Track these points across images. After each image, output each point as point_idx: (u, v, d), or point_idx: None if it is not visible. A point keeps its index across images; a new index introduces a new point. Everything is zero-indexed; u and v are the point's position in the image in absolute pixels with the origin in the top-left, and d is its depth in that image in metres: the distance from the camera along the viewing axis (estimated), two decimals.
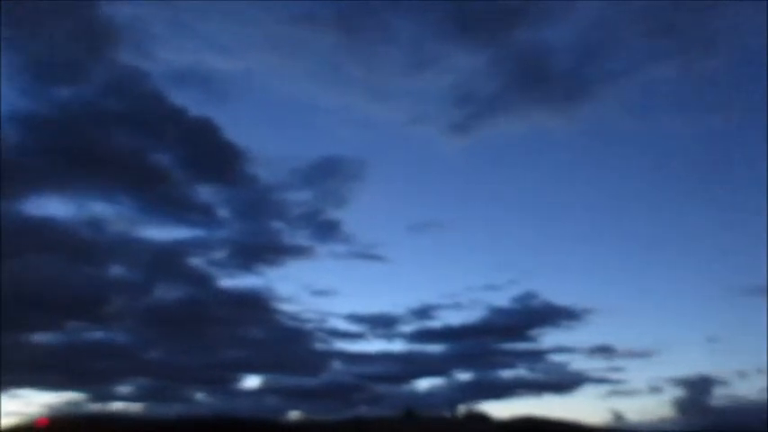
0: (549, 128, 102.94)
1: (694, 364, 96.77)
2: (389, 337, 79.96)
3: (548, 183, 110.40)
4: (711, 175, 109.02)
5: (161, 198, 75.64)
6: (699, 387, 75.56)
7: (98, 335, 68.60)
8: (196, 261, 75.74)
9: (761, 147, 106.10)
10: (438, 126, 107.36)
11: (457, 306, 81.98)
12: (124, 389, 66.34)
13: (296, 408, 72.88)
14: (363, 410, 63.35)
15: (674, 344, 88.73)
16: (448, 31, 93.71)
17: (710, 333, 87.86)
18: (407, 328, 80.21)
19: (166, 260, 73.53)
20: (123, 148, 71.75)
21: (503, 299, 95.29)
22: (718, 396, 76.51)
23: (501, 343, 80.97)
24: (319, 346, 77.12)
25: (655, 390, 77.91)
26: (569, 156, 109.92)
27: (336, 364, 75.35)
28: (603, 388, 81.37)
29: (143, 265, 72.28)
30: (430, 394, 72.48)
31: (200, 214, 77.31)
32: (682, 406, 75.16)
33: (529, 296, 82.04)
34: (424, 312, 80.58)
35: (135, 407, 62.56)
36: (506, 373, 77.75)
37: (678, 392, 77.95)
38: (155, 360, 69.27)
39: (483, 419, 59.53)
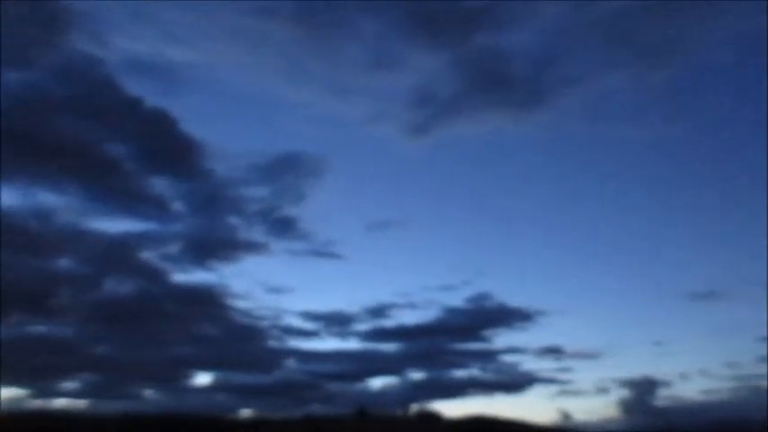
0: (507, 131, 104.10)
1: (640, 365, 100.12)
2: (344, 335, 79.76)
3: (505, 185, 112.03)
4: (662, 183, 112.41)
5: (113, 189, 73.35)
6: (643, 388, 78.20)
7: (42, 329, 66.37)
8: (148, 255, 73.85)
9: (712, 155, 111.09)
10: (398, 126, 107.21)
11: (411, 305, 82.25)
12: (69, 385, 64.30)
13: (247, 406, 72.05)
14: (316, 408, 63.02)
15: (621, 346, 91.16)
16: (411, 31, 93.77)
17: (656, 336, 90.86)
18: (362, 326, 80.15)
19: (117, 253, 71.52)
20: (74, 137, 69.29)
21: (457, 299, 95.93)
22: (662, 397, 79.35)
23: (454, 343, 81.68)
24: (273, 343, 76.38)
25: (601, 390, 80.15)
26: (526, 159, 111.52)
27: (290, 362, 74.84)
28: (553, 388, 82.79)
29: (92, 257, 70.07)
30: (383, 393, 72.65)
31: (154, 207, 75.36)
32: (627, 406, 77.59)
33: (482, 297, 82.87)
34: (378, 311, 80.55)
35: (80, 404, 60.75)
36: (459, 373, 78.45)
37: (624, 393, 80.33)
38: (102, 355, 67.27)
39: (434, 418, 60.01)
